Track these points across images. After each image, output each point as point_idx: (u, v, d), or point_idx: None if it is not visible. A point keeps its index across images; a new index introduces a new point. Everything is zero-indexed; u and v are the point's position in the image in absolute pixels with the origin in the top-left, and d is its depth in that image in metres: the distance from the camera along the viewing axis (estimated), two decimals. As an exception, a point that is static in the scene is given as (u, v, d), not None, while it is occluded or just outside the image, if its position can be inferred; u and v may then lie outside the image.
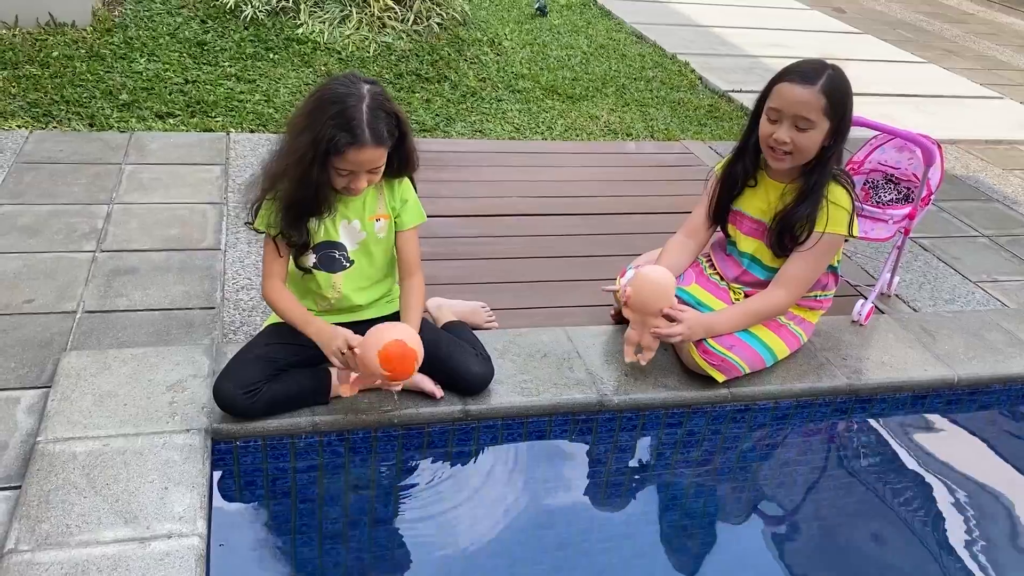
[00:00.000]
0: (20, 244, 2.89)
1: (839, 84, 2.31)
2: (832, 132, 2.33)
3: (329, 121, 1.97)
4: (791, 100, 2.29)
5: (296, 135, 2.03)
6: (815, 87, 2.27)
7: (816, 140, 2.33)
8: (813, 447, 2.63)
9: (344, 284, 2.25)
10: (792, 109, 2.29)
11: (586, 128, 4.64)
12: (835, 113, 2.30)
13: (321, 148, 1.98)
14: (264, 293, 2.24)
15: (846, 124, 2.35)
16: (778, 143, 2.34)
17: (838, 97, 2.29)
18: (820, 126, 2.30)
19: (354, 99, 1.99)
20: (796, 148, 2.33)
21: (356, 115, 1.97)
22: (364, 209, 2.20)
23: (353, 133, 1.97)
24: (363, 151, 2.00)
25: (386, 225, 2.24)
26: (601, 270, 3.11)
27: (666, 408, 2.46)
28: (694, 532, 2.27)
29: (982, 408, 2.76)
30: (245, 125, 4.05)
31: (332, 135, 1.96)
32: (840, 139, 2.36)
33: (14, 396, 2.21)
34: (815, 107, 2.27)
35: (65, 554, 1.74)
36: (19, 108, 3.86)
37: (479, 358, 2.33)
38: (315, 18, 5.17)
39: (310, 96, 2.06)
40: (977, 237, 3.80)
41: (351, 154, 1.99)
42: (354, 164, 2.02)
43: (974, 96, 6.07)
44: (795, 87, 2.29)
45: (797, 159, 2.37)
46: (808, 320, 2.63)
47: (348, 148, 1.98)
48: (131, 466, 1.97)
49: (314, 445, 2.23)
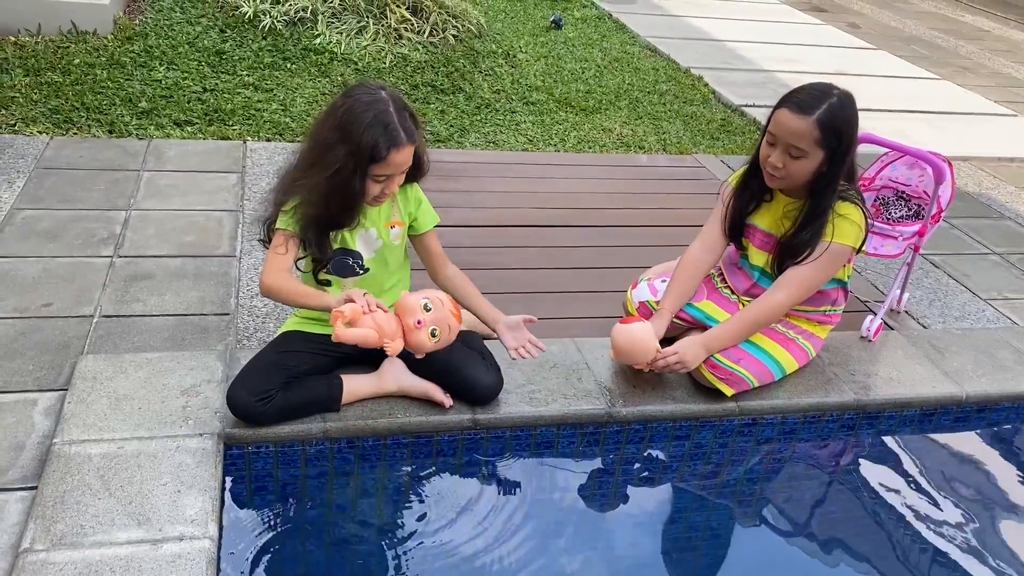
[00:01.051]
0: (40, 248, 2.94)
1: (839, 113, 2.28)
2: (828, 160, 2.33)
3: (368, 130, 2.01)
4: (786, 128, 2.30)
5: (327, 150, 2.04)
6: (810, 118, 2.26)
7: (807, 169, 2.34)
8: (820, 462, 2.64)
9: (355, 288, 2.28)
10: (785, 137, 2.31)
11: (599, 140, 4.67)
12: (829, 143, 2.29)
13: (364, 158, 2.02)
14: (264, 283, 2.14)
15: (845, 150, 2.33)
16: (772, 167, 2.37)
17: (835, 127, 2.28)
18: (812, 155, 2.31)
19: (382, 104, 2.04)
20: (787, 174, 2.36)
21: (390, 119, 2.03)
22: (380, 217, 2.24)
23: (392, 136, 2.02)
24: (402, 151, 2.06)
25: (401, 232, 2.28)
26: (612, 282, 3.13)
27: (674, 420, 2.48)
28: (699, 544, 2.29)
29: (990, 426, 2.76)
30: (262, 134, 4.11)
31: (373, 142, 2.01)
32: (839, 164, 2.34)
33: (31, 398, 2.25)
34: (807, 138, 2.28)
35: (79, 554, 1.77)
36: (41, 114, 3.92)
37: (489, 368, 2.35)
38: (332, 29, 5.23)
39: (334, 110, 2.07)
40: (988, 255, 3.80)
41: (393, 156, 2.04)
42: (394, 166, 2.07)
43: (988, 113, 6.07)
44: (792, 116, 2.29)
45: (788, 183, 2.40)
46: (817, 335, 2.64)
47: (389, 151, 2.03)
48: (145, 469, 2.00)
49: (324, 451, 2.25)
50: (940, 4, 10.56)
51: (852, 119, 2.32)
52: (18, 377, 2.32)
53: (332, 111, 2.07)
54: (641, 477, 2.48)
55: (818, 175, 2.37)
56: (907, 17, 9.42)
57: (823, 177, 2.37)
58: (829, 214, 2.39)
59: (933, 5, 10.45)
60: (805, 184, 2.41)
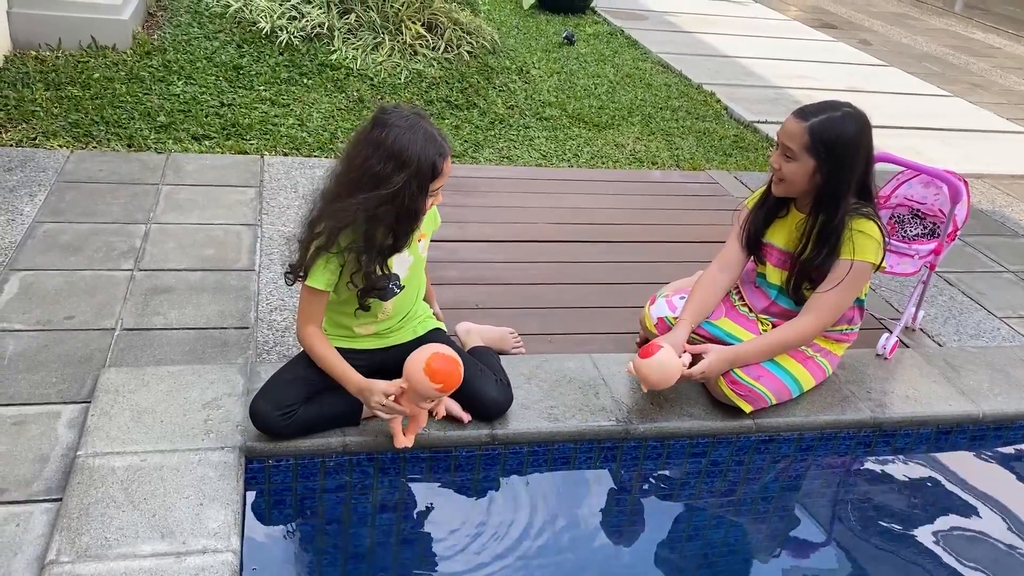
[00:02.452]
0: (61, 262, 2.98)
1: (835, 126, 2.33)
2: (820, 170, 2.36)
3: (423, 150, 2.04)
4: (783, 129, 2.42)
5: (382, 180, 2.02)
6: (805, 123, 2.36)
7: (798, 172, 2.39)
8: (836, 479, 2.64)
9: (393, 308, 2.30)
10: (782, 138, 2.42)
11: (612, 156, 4.70)
12: (818, 151, 2.34)
13: (427, 176, 2.06)
14: (301, 338, 2.22)
15: (838, 164, 2.35)
16: (771, 166, 2.47)
17: (826, 138, 2.32)
18: (802, 160, 2.37)
19: (420, 122, 2.08)
20: (783, 176, 2.43)
21: (435, 133, 2.09)
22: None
23: (441, 148, 2.08)
24: (448, 160, 2.11)
25: (426, 244, 2.33)
26: (627, 297, 3.15)
27: (691, 437, 2.48)
28: (716, 561, 2.29)
29: (1007, 444, 2.76)
30: (279, 148, 4.14)
31: (432, 160, 2.06)
32: (838, 178, 2.36)
33: (55, 410, 2.27)
34: (796, 140, 2.36)
35: (104, 566, 1.79)
36: (61, 128, 3.97)
37: (499, 384, 2.37)
38: (348, 45, 5.28)
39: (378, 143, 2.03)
40: (1003, 272, 3.80)
41: (446, 167, 2.11)
42: (448, 174, 2.13)
43: (1000, 131, 6.07)
44: (792, 119, 2.40)
45: (787, 187, 2.46)
46: (834, 352, 2.65)
47: (444, 162, 2.09)
48: (168, 481, 2.02)
49: (344, 465, 2.27)
50: (951, 21, 10.58)
51: (852, 137, 2.34)
52: (42, 389, 2.35)
53: (376, 144, 2.03)
54: (658, 494, 2.49)
55: (820, 188, 2.40)
56: (918, 34, 9.45)
57: (825, 191, 2.39)
58: (844, 232, 2.41)
59: (944, 22, 10.48)
60: (808, 196, 2.45)
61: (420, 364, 2.07)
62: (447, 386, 2.10)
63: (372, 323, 2.30)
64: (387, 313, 2.29)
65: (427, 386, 2.07)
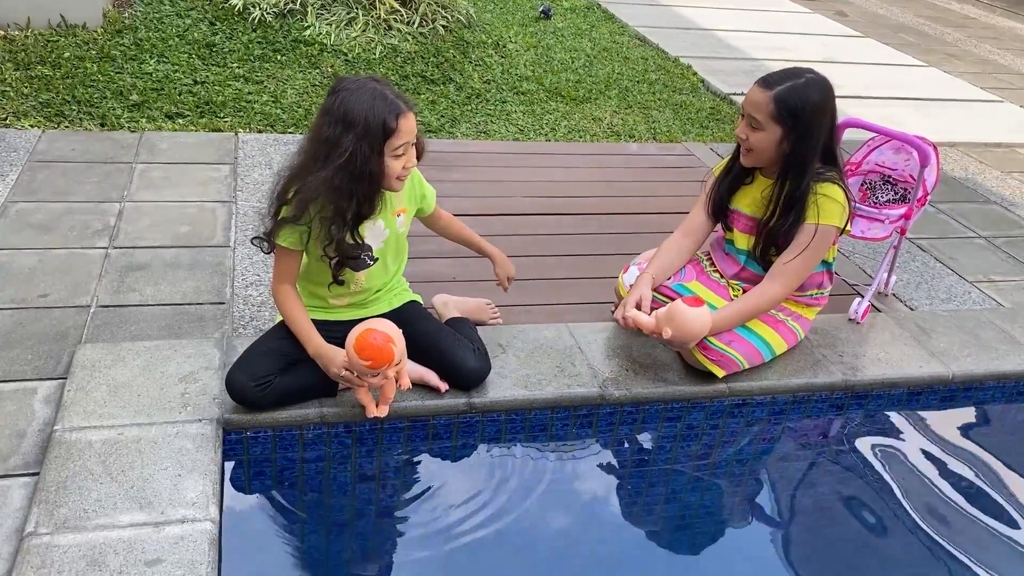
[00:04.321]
0: (35, 241, 2.96)
1: (800, 93, 2.34)
2: (787, 138, 2.38)
3: (370, 109, 2.02)
4: (748, 99, 2.43)
5: (334, 145, 2.02)
6: (770, 92, 2.36)
7: (765, 141, 2.40)
8: (810, 442, 2.69)
9: (367, 280, 2.31)
10: (747, 108, 2.42)
11: (589, 130, 4.70)
12: (784, 119, 2.36)
13: (378, 136, 2.03)
14: (273, 296, 2.25)
15: (805, 131, 2.37)
16: (738, 138, 2.47)
17: (791, 105, 2.34)
18: (769, 129, 2.38)
19: (371, 83, 2.07)
20: (751, 146, 2.44)
21: (387, 92, 2.06)
22: (386, 206, 2.24)
23: (394, 105, 2.05)
24: (408, 118, 2.08)
25: (406, 219, 2.32)
26: (602, 268, 3.17)
27: (665, 402, 2.52)
28: (692, 524, 2.33)
29: (976, 404, 2.82)
30: (253, 125, 4.12)
31: (381, 118, 2.02)
32: (804, 145, 2.38)
33: (31, 387, 2.27)
34: (762, 110, 2.37)
35: (83, 537, 1.80)
36: (32, 108, 3.93)
37: (476, 353, 2.38)
38: (322, 20, 5.24)
39: (329, 109, 2.05)
40: (974, 238, 3.85)
41: (402, 124, 2.06)
42: (407, 134, 2.08)
43: (974, 99, 6.12)
44: (756, 88, 2.41)
45: (756, 157, 2.47)
46: (805, 316, 2.69)
47: (398, 120, 2.05)
48: (145, 454, 2.03)
49: (322, 436, 2.29)
50: (927, -8, 10.60)
51: (817, 103, 2.36)
52: (17, 366, 2.34)
53: (327, 110, 2.05)
54: (634, 458, 2.52)
55: (787, 156, 2.42)
56: (894, 4, 9.47)
57: (791, 158, 2.42)
58: (808, 197, 2.43)
59: (920, -7, 10.49)
60: (775, 164, 2.47)
61: (352, 339, 2.06)
62: (375, 363, 2.05)
63: (346, 295, 2.31)
64: (360, 285, 2.30)
65: (356, 361, 2.06)
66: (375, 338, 2.04)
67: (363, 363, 2.05)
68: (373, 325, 2.08)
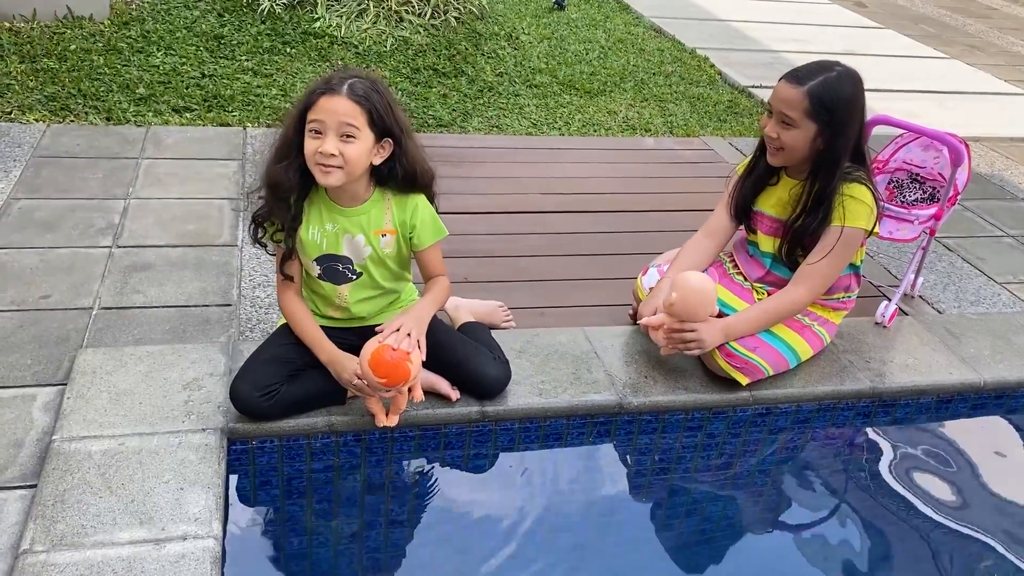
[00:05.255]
0: (37, 239, 2.89)
1: (833, 87, 2.26)
2: (821, 134, 2.29)
3: (315, 82, 2.01)
4: (778, 97, 2.31)
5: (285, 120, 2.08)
6: (802, 88, 2.26)
7: (800, 139, 2.30)
8: (835, 451, 2.59)
9: (350, 295, 2.21)
10: (778, 106, 2.31)
11: (604, 123, 4.60)
12: (821, 116, 2.26)
13: (300, 105, 1.99)
14: (279, 302, 2.22)
15: (840, 127, 2.28)
16: (768, 138, 2.36)
17: (827, 101, 2.25)
18: (803, 126, 2.29)
19: (350, 72, 2.02)
20: (783, 144, 2.33)
21: (341, 75, 2.00)
22: (369, 224, 2.13)
23: (327, 83, 1.98)
24: (334, 99, 1.95)
25: (393, 240, 2.17)
26: (619, 268, 3.08)
27: (686, 411, 2.42)
28: (712, 535, 2.25)
29: (1009, 413, 2.71)
30: (262, 120, 4.04)
31: (311, 88, 1.99)
32: (837, 142, 2.29)
33: (30, 393, 2.20)
34: (797, 107, 2.27)
35: (80, 555, 1.72)
36: (37, 102, 3.86)
37: (496, 361, 2.30)
38: (332, 12, 5.15)
39: None
40: (1002, 237, 3.73)
41: (323, 102, 1.95)
42: (324, 113, 1.95)
43: (998, 92, 5.98)
44: (786, 85, 2.30)
45: (787, 156, 2.36)
46: (831, 321, 2.59)
47: (320, 96, 1.96)
48: (146, 466, 1.96)
49: (330, 445, 2.21)
50: (947, -18, 10.42)
51: (850, 97, 2.28)
52: (16, 372, 2.27)
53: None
54: (653, 468, 2.43)
55: (818, 154, 2.32)
56: (914, -5, 9.31)
57: (823, 156, 2.32)
58: (836, 197, 2.34)
59: (940, -17, 10.31)
60: (806, 163, 2.37)
61: (367, 355, 1.99)
62: (391, 381, 1.98)
63: (333, 308, 2.24)
64: (343, 299, 2.20)
65: (372, 377, 1.99)
66: (391, 356, 1.97)
67: (378, 380, 1.98)
68: (389, 342, 1.99)
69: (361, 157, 2.00)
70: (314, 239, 2.12)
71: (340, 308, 2.23)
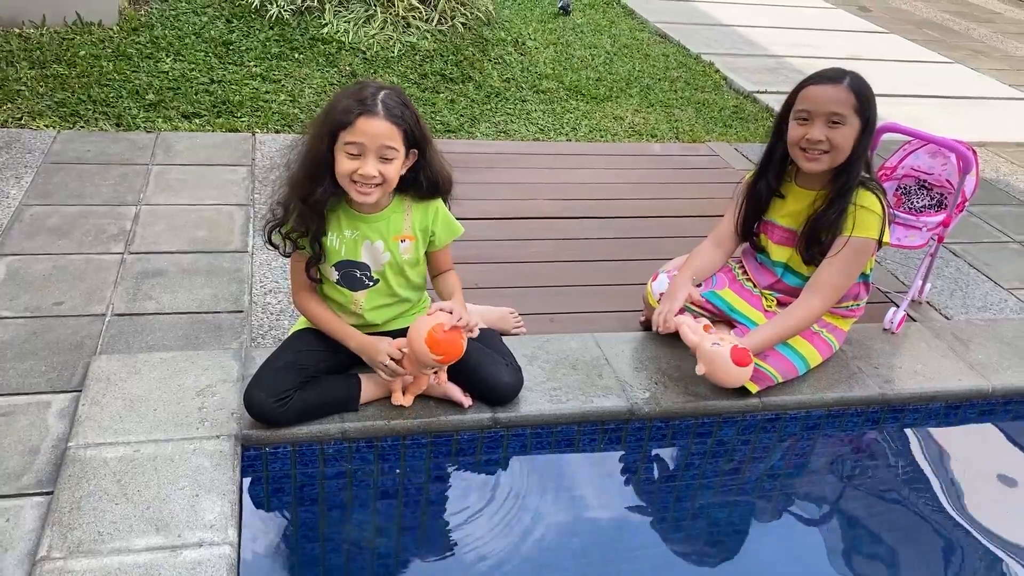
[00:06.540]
0: (49, 246, 2.90)
1: (864, 85, 2.36)
2: (860, 132, 2.34)
3: (342, 100, 2.00)
4: (822, 99, 2.32)
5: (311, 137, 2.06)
6: (842, 85, 2.32)
7: (849, 137, 2.33)
8: (844, 457, 2.60)
9: (366, 301, 2.23)
10: (824, 107, 2.31)
11: (611, 129, 4.61)
12: (863, 112, 2.33)
13: (335, 125, 1.98)
14: (296, 304, 2.25)
15: (872, 126, 2.37)
16: (811, 143, 2.34)
17: (865, 96, 2.34)
18: (851, 123, 2.32)
19: (366, 85, 2.03)
20: (833, 146, 2.34)
21: (368, 93, 1.99)
22: (388, 230, 2.16)
23: (363, 103, 1.97)
24: (373, 121, 1.96)
25: (412, 246, 2.20)
26: (629, 275, 3.09)
27: (696, 417, 2.43)
28: (722, 541, 2.25)
29: (1017, 419, 2.72)
30: (271, 126, 4.05)
31: (345, 108, 1.97)
32: (867, 140, 2.36)
33: (45, 400, 2.21)
34: (846, 103, 2.31)
35: (97, 562, 1.73)
36: (47, 108, 3.88)
37: (509, 368, 2.31)
38: (340, 18, 5.17)
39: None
40: (1009, 243, 3.74)
41: (361, 123, 1.96)
42: (363, 135, 1.96)
43: (1003, 97, 5.98)
44: (824, 87, 2.33)
45: (835, 157, 2.36)
46: (840, 328, 2.60)
47: (359, 117, 1.96)
48: (162, 472, 1.97)
49: (343, 452, 2.22)
50: (951, -14, 10.42)
51: (873, 93, 2.36)
52: (31, 379, 2.28)
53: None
54: (663, 475, 2.44)
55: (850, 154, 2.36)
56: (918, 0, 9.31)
57: (852, 156, 2.36)
58: (853, 195, 2.37)
59: (944, -13, 10.32)
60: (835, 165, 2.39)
61: (422, 333, 2.05)
62: (448, 357, 2.09)
63: (347, 314, 2.25)
64: (360, 306, 2.22)
65: (427, 356, 2.06)
66: (448, 335, 2.06)
67: (434, 357, 2.06)
68: (442, 319, 2.07)
69: (398, 174, 2.06)
70: (334, 245, 2.14)
71: (354, 315, 2.24)
